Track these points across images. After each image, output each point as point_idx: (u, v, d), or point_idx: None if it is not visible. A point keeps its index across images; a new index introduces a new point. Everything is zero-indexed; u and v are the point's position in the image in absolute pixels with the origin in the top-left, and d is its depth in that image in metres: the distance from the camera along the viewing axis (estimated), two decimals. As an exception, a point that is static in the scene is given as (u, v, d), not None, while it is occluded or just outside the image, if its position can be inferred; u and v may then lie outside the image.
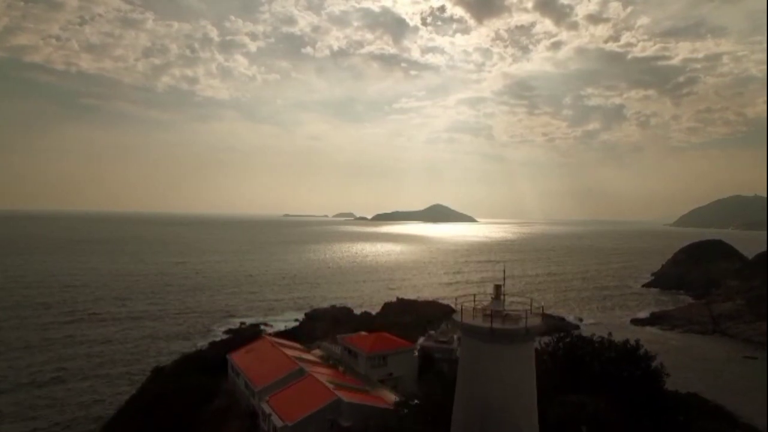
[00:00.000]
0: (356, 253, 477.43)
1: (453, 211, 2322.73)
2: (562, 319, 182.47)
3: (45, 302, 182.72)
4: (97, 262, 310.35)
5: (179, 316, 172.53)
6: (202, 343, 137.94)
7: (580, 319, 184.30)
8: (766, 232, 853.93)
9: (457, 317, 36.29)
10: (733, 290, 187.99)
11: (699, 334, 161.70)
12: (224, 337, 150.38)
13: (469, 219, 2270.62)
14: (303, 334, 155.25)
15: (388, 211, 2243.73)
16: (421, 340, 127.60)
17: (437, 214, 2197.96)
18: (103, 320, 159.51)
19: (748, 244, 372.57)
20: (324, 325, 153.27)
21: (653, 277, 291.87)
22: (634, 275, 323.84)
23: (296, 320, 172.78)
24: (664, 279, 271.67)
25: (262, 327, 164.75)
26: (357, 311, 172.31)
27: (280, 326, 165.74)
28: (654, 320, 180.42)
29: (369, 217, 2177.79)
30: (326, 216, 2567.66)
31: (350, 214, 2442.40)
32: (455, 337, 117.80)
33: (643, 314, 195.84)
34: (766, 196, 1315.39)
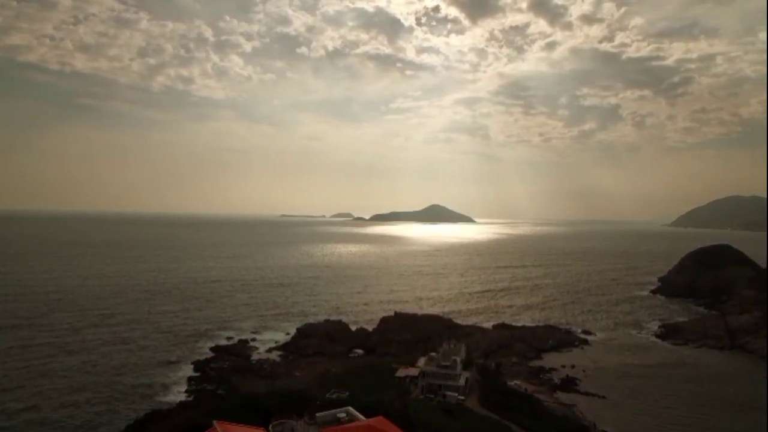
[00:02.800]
0: (353, 257, 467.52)
1: (451, 211, 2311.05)
2: (569, 332, 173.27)
3: (26, 317, 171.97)
4: (88, 269, 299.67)
5: (166, 331, 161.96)
6: (184, 368, 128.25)
7: (589, 333, 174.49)
8: (766, 232, 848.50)
9: None
10: (748, 301, 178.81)
11: (715, 350, 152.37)
12: (210, 355, 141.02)
13: (467, 219, 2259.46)
14: (294, 350, 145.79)
15: (386, 212, 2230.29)
16: (421, 361, 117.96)
17: (435, 214, 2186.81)
18: (83, 340, 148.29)
19: (749, 245, 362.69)
20: (316, 342, 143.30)
21: (659, 283, 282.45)
22: (639, 281, 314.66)
23: (287, 334, 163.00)
24: (672, 285, 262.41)
25: (251, 342, 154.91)
26: (352, 326, 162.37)
27: (271, 342, 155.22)
28: (667, 333, 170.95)
29: (367, 217, 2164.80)
30: (324, 216, 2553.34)
31: (348, 215, 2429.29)
32: (458, 360, 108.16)
33: (653, 326, 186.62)
34: (765, 196, 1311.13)
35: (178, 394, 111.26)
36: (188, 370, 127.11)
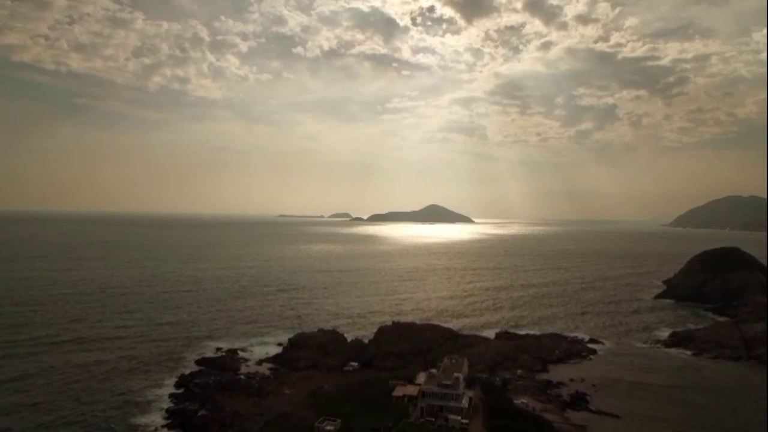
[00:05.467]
0: (348, 260, 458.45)
1: (449, 211, 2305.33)
2: (575, 341, 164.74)
3: (10, 325, 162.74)
4: (78, 272, 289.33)
5: (151, 342, 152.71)
6: (167, 384, 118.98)
7: (596, 341, 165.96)
8: (766, 232, 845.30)
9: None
10: (762, 308, 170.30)
11: (732, 361, 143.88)
12: (195, 369, 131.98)
13: (465, 219, 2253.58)
14: (285, 363, 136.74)
15: (384, 212, 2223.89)
16: (421, 377, 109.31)
17: (433, 214, 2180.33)
18: (65, 352, 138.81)
19: (750, 246, 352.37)
20: (309, 354, 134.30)
21: (665, 287, 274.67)
22: (644, 284, 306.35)
23: (279, 344, 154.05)
24: (679, 290, 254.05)
25: (240, 354, 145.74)
26: (348, 336, 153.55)
27: (261, 353, 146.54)
28: (678, 341, 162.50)
29: (365, 217, 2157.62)
30: (322, 216, 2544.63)
31: (346, 215, 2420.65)
32: (460, 377, 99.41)
33: (663, 333, 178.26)
34: (764, 196, 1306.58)
35: (157, 414, 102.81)
36: (171, 387, 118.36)
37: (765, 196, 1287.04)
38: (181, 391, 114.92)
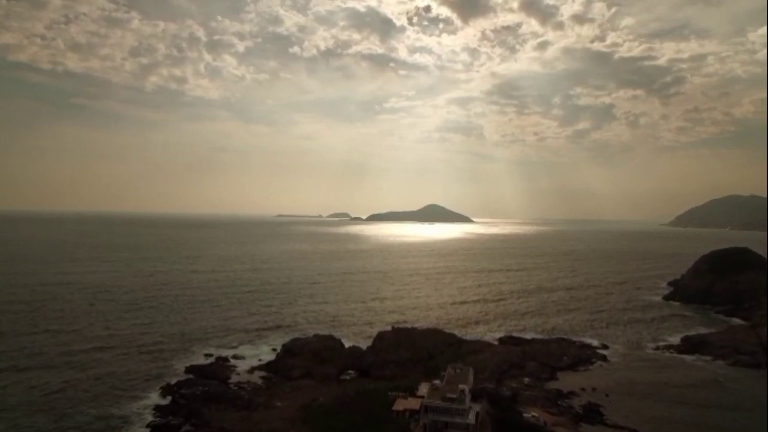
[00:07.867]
0: (347, 260, 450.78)
1: (448, 211, 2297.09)
2: (584, 346, 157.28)
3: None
4: (71, 275, 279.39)
5: (138, 348, 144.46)
6: (152, 395, 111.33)
7: (606, 347, 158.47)
8: (766, 232, 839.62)
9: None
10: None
11: (751, 368, 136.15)
12: (184, 377, 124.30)
13: (464, 219, 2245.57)
14: (278, 371, 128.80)
15: (383, 212, 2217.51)
16: (422, 388, 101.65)
17: (432, 213, 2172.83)
18: (47, 362, 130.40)
19: (751, 245, 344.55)
20: (303, 361, 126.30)
21: (672, 288, 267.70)
22: (650, 285, 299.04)
23: (273, 350, 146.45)
24: (687, 291, 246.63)
25: (231, 360, 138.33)
26: (345, 342, 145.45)
27: (254, 360, 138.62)
28: (692, 347, 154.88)
29: (364, 217, 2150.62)
30: (320, 216, 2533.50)
31: (345, 215, 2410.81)
32: (466, 390, 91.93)
33: (674, 338, 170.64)
34: (764, 195, 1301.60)
35: (140, 429, 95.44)
36: (156, 397, 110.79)
37: (765, 196, 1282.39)
38: (166, 402, 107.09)
